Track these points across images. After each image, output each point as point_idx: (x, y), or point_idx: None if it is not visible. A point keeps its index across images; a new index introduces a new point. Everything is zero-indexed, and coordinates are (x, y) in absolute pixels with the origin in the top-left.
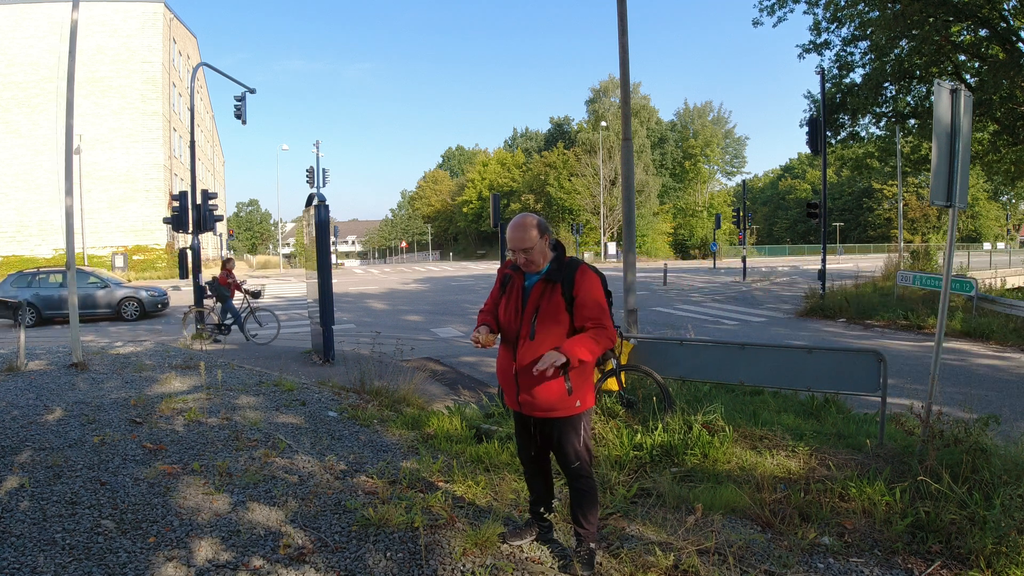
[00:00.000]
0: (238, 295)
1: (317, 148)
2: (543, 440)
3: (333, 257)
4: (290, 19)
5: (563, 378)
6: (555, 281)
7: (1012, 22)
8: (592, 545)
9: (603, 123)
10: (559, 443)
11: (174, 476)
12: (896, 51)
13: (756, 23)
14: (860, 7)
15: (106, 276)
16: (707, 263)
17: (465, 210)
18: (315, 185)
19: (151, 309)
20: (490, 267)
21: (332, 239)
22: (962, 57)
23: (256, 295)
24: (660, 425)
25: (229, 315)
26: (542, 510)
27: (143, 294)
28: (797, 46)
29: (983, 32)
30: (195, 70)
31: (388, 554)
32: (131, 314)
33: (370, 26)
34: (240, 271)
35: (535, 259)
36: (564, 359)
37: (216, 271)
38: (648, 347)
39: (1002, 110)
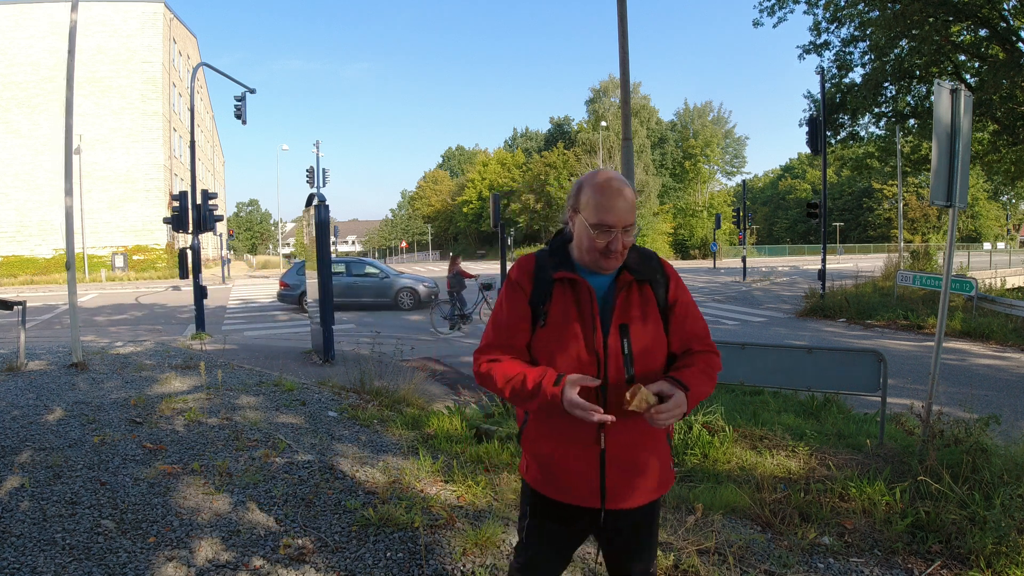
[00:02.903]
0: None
1: (317, 148)
2: (620, 549)
3: (333, 257)
4: (288, 19)
5: (668, 434)
6: (645, 279)
7: (1012, 22)
8: None
9: (603, 123)
10: (646, 543)
11: (174, 476)
12: (896, 51)
13: (756, 23)
14: (860, 7)
15: (385, 267)
16: (707, 263)
17: (465, 210)
18: (315, 185)
19: (426, 300)
20: (490, 267)
21: (332, 239)
22: (962, 57)
23: (489, 287)
24: None
25: (458, 304)
26: None
27: (420, 287)
28: (797, 47)
29: (983, 32)
30: (195, 70)
31: (388, 554)
32: (407, 304)
33: (369, 26)
34: (240, 271)
35: (628, 247)
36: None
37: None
38: None
39: (1002, 110)
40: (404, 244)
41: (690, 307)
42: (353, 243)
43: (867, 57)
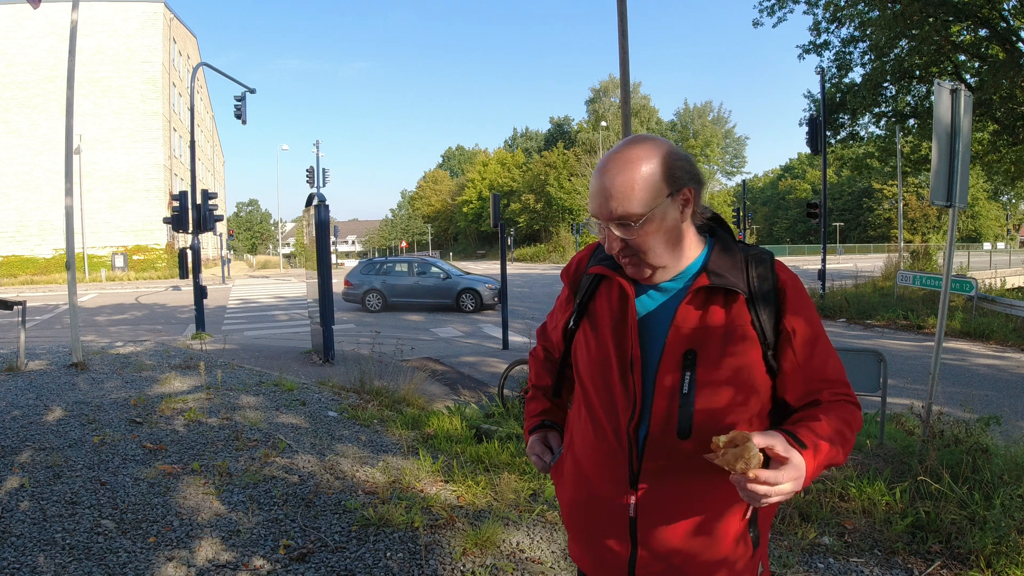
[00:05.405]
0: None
1: (317, 148)
2: None
3: (333, 257)
4: (288, 18)
5: (745, 510)
6: (738, 291)
7: (1012, 22)
8: None
9: (603, 123)
10: None
11: (174, 476)
12: (896, 51)
13: (756, 23)
14: (860, 7)
15: (448, 268)
16: None
17: (465, 210)
18: (315, 185)
19: (488, 302)
20: (490, 267)
21: (332, 239)
22: (962, 57)
23: None
24: None
25: None
26: None
27: (482, 288)
28: (797, 47)
29: (983, 32)
30: (195, 70)
31: (388, 554)
32: (468, 306)
33: (366, 26)
34: (240, 271)
35: (647, 248)
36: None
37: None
38: None
39: (1002, 110)
40: (404, 244)
41: (818, 338)
42: (353, 243)
43: (867, 57)
